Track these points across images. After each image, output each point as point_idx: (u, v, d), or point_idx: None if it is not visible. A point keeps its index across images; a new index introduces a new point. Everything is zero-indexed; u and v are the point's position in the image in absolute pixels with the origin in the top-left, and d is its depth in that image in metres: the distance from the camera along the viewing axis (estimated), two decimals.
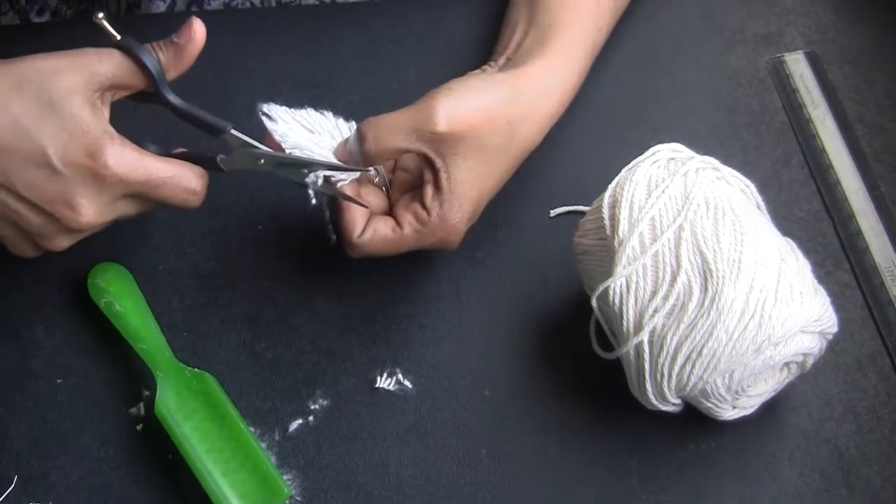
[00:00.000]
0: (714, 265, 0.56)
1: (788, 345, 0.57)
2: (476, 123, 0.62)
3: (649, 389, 0.59)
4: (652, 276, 0.58)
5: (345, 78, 0.77)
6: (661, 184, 0.59)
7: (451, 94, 0.62)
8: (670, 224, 0.58)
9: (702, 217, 0.58)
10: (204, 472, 0.59)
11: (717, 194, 0.59)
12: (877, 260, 0.69)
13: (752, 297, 0.56)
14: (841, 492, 0.61)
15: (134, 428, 0.63)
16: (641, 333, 0.57)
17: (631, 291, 0.58)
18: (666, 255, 0.58)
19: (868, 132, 0.75)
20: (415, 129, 0.61)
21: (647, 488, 0.61)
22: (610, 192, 0.61)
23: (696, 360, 0.57)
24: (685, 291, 0.57)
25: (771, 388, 0.61)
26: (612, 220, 0.60)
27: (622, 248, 0.58)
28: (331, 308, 0.67)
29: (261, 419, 0.63)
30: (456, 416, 0.64)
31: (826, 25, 0.81)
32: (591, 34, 0.71)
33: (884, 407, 0.64)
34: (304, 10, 0.82)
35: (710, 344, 0.56)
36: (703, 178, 0.59)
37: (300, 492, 0.61)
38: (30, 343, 0.65)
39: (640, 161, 0.61)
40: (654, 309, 0.57)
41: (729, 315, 0.56)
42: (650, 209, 0.58)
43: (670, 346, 0.57)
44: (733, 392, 0.58)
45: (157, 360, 0.63)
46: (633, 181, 0.60)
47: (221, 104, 0.75)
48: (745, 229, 0.57)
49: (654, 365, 0.58)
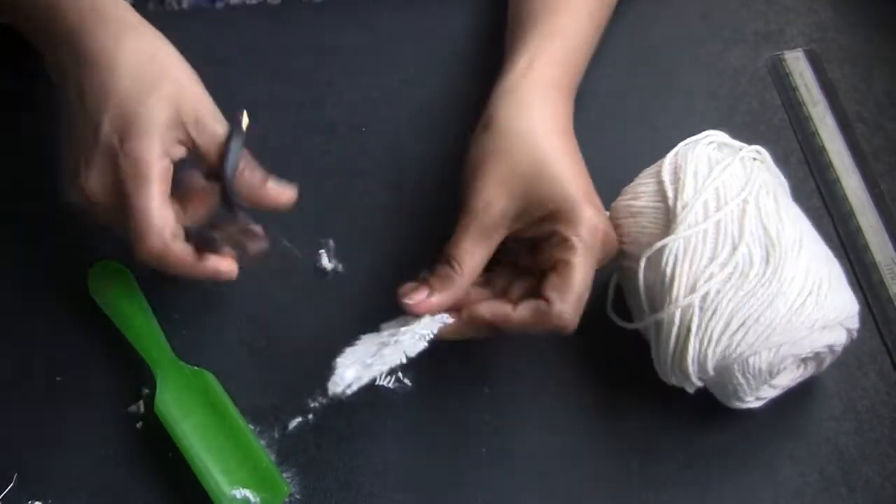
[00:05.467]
0: (778, 240, 0.58)
1: (831, 332, 0.59)
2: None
3: (690, 354, 0.59)
4: (712, 242, 0.59)
5: (345, 77, 0.77)
6: (722, 161, 0.62)
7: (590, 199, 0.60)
8: (734, 197, 0.60)
9: (765, 196, 0.60)
10: (203, 470, 0.59)
11: (771, 182, 0.62)
12: (876, 257, 0.69)
13: (810, 278, 0.58)
14: (841, 491, 0.61)
15: (133, 426, 0.63)
16: (694, 296, 0.58)
17: (688, 254, 0.59)
18: (728, 225, 0.59)
19: (867, 130, 0.75)
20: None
21: (647, 487, 0.61)
22: (670, 160, 0.63)
23: (750, 327, 0.58)
24: (745, 261, 0.58)
25: (787, 382, 0.61)
26: (675, 185, 0.61)
27: (686, 211, 0.60)
28: (330, 306, 0.67)
29: (260, 417, 0.63)
30: (456, 414, 0.64)
31: (826, 24, 0.81)
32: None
33: (883, 406, 0.64)
34: (304, 8, 0.82)
35: (768, 313, 0.57)
36: (757, 166, 0.62)
37: (300, 490, 0.61)
38: (30, 341, 0.65)
39: (696, 139, 0.64)
40: (710, 274, 0.58)
41: (790, 289, 0.58)
42: (714, 181, 0.60)
43: (725, 311, 0.58)
44: (769, 372, 0.59)
45: (156, 358, 0.63)
46: (694, 153, 0.62)
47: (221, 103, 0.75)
48: (799, 217, 0.61)
49: (701, 328, 0.58)
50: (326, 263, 0.69)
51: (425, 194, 0.72)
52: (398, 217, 0.71)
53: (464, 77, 0.77)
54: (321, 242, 0.69)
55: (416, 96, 0.76)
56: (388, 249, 0.69)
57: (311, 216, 0.70)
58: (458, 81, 0.77)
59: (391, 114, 0.75)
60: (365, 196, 0.72)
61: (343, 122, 0.75)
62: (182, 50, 0.63)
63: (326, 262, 0.69)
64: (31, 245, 0.69)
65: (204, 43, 0.78)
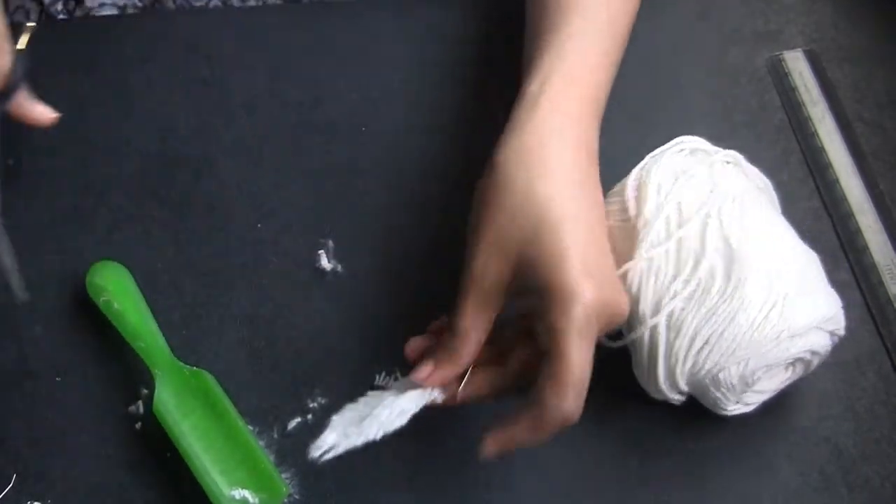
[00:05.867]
0: (739, 253, 0.57)
1: (804, 339, 0.57)
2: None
3: (661, 374, 0.59)
4: (674, 259, 0.58)
5: (344, 76, 0.77)
6: (688, 171, 0.60)
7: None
8: (697, 210, 0.59)
9: (728, 206, 0.59)
10: (202, 471, 0.59)
11: (741, 188, 0.60)
12: (876, 258, 0.69)
13: (775, 288, 0.57)
14: (840, 490, 0.61)
15: (132, 426, 0.63)
16: (659, 315, 0.58)
17: (652, 273, 0.58)
18: (690, 240, 0.58)
19: (867, 130, 0.75)
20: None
21: (646, 487, 0.61)
22: (634, 175, 0.61)
23: (714, 345, 0.57)
24: (708, 277, 0.57)
25: (775, 385, 0.61)
26: (637, 202, 0.60)
27: (647, 229, 0.59)
28: (329, 306, 0.67)
29: (259, 417, 0.63)
30: (455, 414, 0.64)
31: (825, 23, 0.81)
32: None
33: (883, 406, 0.64)
34: (304, 7, 0.82)
35: (730, 329, 0.56)
36: (729, 171, 0.61)
37: (299, 490, 0.61)
38: (28, 341, 0.65)
39: (665, 149, 0.62)
40: (673, 292, 0.58)
41: (752, 303, 0.56)
42: (677, 193, 0.59)
43: (689, 330, 0.57)
44: (744, 383, 0.58)
45: (155, 358, 0.63)
46: (659, 165, 0.61)
47: (220, 102, 0.75)
48: (769, 222, 0.59)
49: (668, 348, 0.58)
50: (326, 264, 0.69)
51: (425, 194, 0.72)
52: (398, 217, 0.71)
53: (464, 77, 0.77)
54: (320, 243, 0.69)
55: (415, 96, 0.76)
56: (387, 249, 0.69)
57: (311, 216, 0.70)
58: (457, 81, 0.77)
59: (391, 114, 0.75)
60: (364, 196, 0.72)
61: (343, 121, 0.75)
62: (182, 49, 0.63)
63: (326, 262, 0.69)
64: (30, 245, 0.68)
65: (204, 42, 0.78)
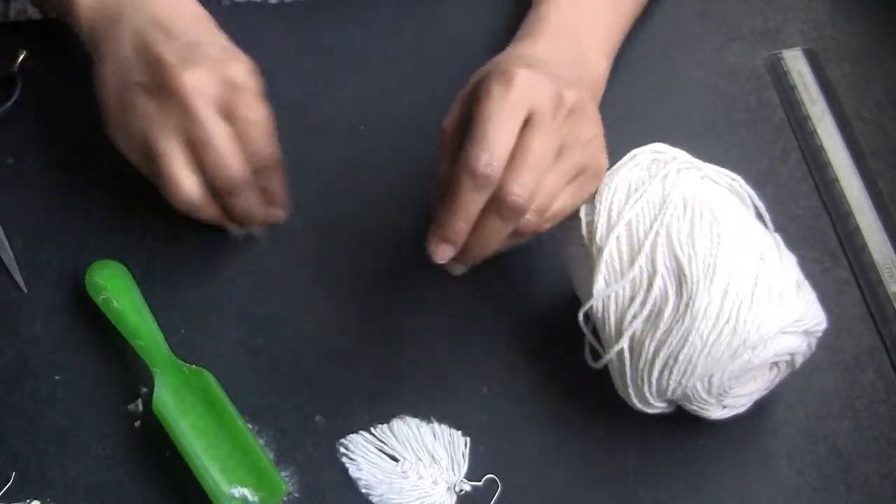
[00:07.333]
0: (688, 270, 0.55)
1: (768, 347, 0.56)
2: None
3: (632, 395, 0.59)
4: (630, 281, 0.57)
5: (343, 75, 0.77)
6: (641, 187, 0.59)
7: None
8: (647, 229, 0.57)
9: (678, 220, 0.57)
10: (202, 469, 0.59)
11: (697, 195, 0.58)
12: (875, 257, 0.69)
13: (727, 302, 0.55)
14: (839, 489, 0.61)
15: (132, 425, 0.63)
16: (622, 340, 0.57)
17: (611, 298, 0.57)
18: (643, 261, 0.57)
19: (866, 129, 0.75)
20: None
21: (645, 486, 0.61)
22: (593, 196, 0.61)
23: (672, 367, 0.56)
24: (661, 297, 0.56)
25: (760, 387, 0.60)
26: (589, 227, 0.59)
27: (600, 254, 0.58)
28: (328, 305, 0.67)
29: (258, 416, 0.63)
30: (454, 413, 0.64)
31: (824, 22, 0.81)
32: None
33: (882, 404, 0.64)
34: (303, 6, 0.82)
35: (685, 350, 0.56)
36: (684, 179, 0.59)
37: (298, 488, 0.61)
38: (28, 340, 0.65)
39: (621, 165, 0.60)
40: (632, 315, 0.57)
41: (703, 320, 0.55)
42: (626, 213, 0.58)
43: (648, 353, 0.57)
44: (715, 395, 0.58)
45: (154, 356, 0.63)
46: (611, 187, 0.59)
47: None
48: (722, 231, 0.56)
49: (634, 371, 0.58)
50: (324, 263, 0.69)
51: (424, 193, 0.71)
52: (397, 216, 0.71)
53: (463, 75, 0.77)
54: (319, 242, 0.69)
55: (414, 95, 0.76)
56: (385, 248, 0.69)
57: (309, 215, 0.70)
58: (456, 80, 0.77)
59: (389, 112, 0.75)
60: (363, 195, 0.72)
61: (341, 120, 0.75)
62: None
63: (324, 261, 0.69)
64: (30, 244, 0.68)
65: None
